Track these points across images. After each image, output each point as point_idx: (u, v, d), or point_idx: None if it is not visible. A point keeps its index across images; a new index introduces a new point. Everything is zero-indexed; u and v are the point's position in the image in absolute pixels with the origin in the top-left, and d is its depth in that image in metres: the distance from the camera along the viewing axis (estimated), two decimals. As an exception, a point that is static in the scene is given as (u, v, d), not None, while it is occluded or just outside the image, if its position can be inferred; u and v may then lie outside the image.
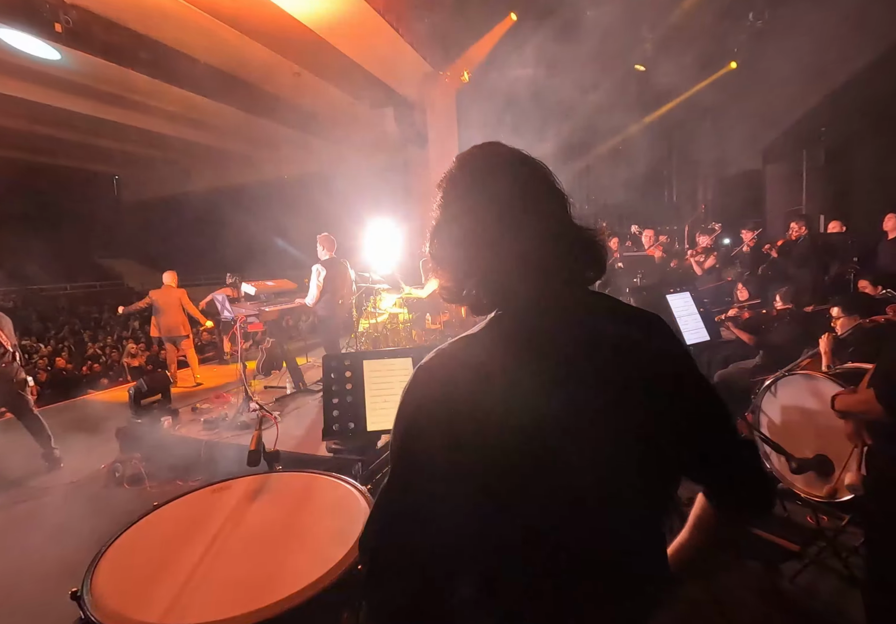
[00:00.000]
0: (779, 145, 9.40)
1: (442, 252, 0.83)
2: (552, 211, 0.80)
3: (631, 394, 0.74)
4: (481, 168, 0.82)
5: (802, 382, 2.79)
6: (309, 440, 4.03)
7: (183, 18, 6.82)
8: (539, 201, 0.79)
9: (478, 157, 0.84)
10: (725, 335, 4.36)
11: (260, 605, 1.15)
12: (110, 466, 3.95)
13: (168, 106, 9.89)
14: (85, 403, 6.52)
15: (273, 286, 5.90)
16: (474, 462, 0.70)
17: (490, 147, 0.85)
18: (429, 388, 0.75)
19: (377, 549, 0.75)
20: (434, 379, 0.75)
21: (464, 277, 0.79)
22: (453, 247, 0.80)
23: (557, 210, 0.80)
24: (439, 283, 0.84)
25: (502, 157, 0.82)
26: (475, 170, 0.82)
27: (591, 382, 0.73)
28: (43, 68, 7.84)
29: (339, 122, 11.63)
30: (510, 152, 0.83)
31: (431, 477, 0.71)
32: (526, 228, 0.76)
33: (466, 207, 0.80)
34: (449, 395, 0.72)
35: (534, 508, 0.71)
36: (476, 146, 0.86)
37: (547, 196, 0.80)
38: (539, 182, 0.81)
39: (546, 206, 0.79)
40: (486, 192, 0.79)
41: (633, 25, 7.50)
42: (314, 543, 1.40)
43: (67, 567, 2.57)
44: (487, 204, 0.78)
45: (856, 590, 2.25)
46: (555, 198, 0.81)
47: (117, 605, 1.18)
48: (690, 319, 3.06)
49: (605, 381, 0.74)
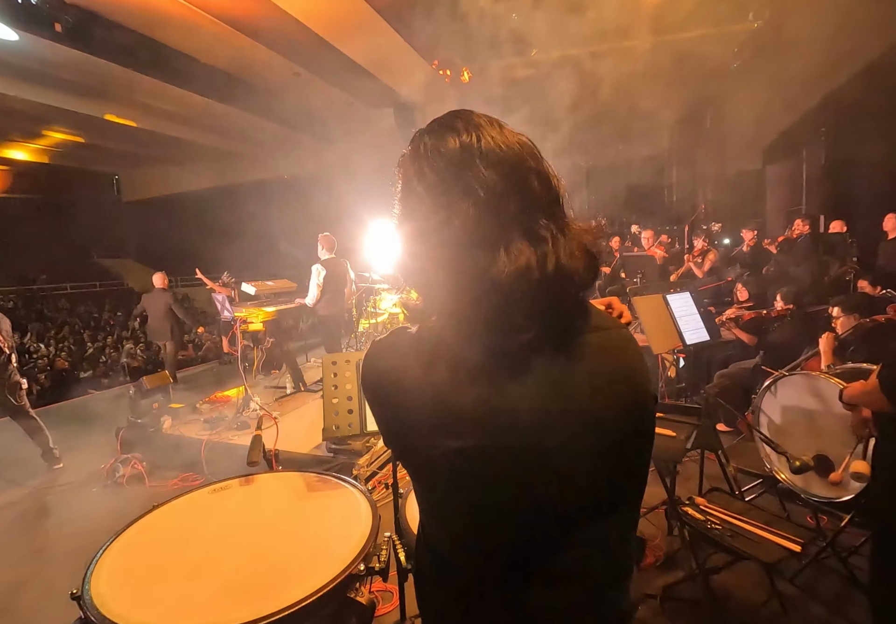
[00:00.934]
0: (779, 145, 9.39)
1: (404, 265, 0.71)
2: (526, 215, 0.65)
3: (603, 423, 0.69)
4: (440, 155, 0.66)
5: (802, 381, 2.79)
6: (309, 440, 4.03)
7: (183, 18, 6.82)
8: (510, 203, 0.64)
9: (438, 139, 0.68)
10: (725, 335, 4.36)
11: (259, 605, 1.15)
12: (110, 465, 3.95)
13: (168, 106, 9.89)
14: (85, 403, 6.52)
15: (273, 286, 5.90)
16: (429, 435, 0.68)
17: (455, 121, 0.69)
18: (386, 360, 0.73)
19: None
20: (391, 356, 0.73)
21: (427, 302, 0.71)
22: (413, 262, 0.70)
23: (536, 212, 0.66)
24: (405, 301, 0.75)
25: (470, 142, 0.66)
26: (432, 157, 0.67)
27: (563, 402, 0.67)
28: (43, 68, 7.84)
29: (339, 122, 11.63)
30: (484, 130, 0.67)
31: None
32: (498, 251, 0.63)
33: (423, 215, 0.67)
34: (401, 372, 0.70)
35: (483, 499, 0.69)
36: (437, 120, 0.71)
37: (521, 196, 0.65)
38: (514, 176, 0.65)
39: (519, 209, 0.64)
40: (447, 195, 0.65)
41: (634, 24, 7.50)
42: (314, 542, 1.40)
43: (67, 567, 2.58)
44: (448, 214, 0.64)
45: (856, 590, 2.25)
46: (534, 197, 0.66)
47: (117, 605, 1.18)
48: (690, 319, 3.06)
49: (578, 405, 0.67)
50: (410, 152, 0.71)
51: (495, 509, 0.69)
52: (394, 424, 0.74)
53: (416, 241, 0.69)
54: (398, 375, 0.70)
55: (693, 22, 7.34)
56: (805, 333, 3.68)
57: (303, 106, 10.68)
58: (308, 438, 4.07)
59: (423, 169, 0.67)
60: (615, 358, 0.73)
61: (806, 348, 3.34)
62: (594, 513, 0.71)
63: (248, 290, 5.64)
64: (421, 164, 0.68)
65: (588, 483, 0.70)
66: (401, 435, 0.74)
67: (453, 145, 0.66)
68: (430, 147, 0.68)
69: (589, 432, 0.68)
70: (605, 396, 0.69)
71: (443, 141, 0.67)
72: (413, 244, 0.70)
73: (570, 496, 0.69)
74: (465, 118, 0.69)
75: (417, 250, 0.69)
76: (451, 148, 0.66)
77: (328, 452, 3.82)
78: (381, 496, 3.28)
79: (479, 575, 0.73)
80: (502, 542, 0.71)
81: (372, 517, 1.48)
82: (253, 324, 5.18)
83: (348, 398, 1.82)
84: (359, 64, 8.33)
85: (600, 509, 0.72)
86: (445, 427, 0.66)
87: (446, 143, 0.67)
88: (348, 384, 1.84)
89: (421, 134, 0.71)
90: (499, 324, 0.64)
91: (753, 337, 4.25)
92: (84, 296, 17.89)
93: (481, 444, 0.65)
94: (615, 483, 0.73)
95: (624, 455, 0.72)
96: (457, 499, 0.71)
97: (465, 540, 0.73)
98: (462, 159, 0.65)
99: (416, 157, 0.69)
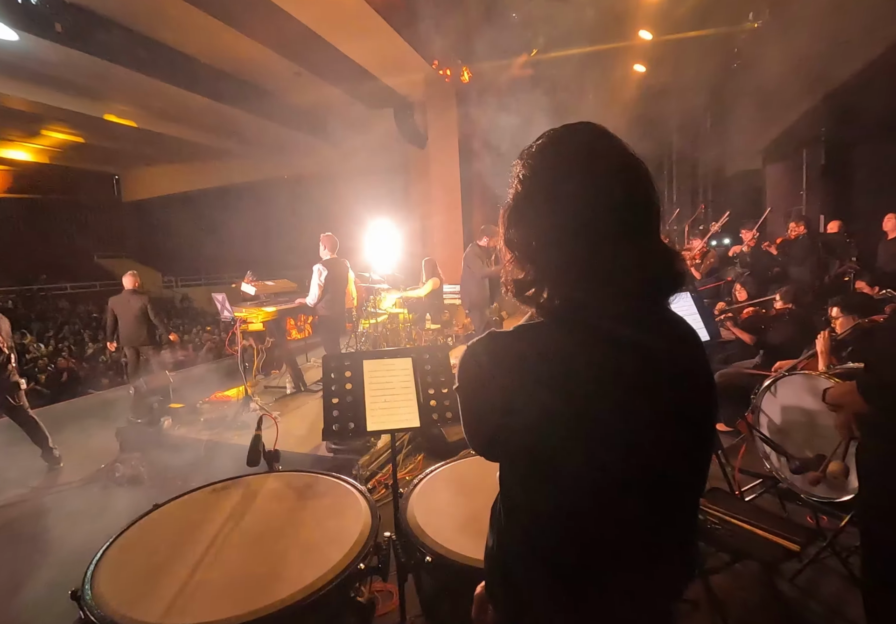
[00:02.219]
0: (779, 145, 9.39)
1: (518, 240, 0.77)
2: (647, 226, 0.75)
3: (673, 414, 0.75)
4: (582, 157, 0.74)
5: (802, 381, 2.79)
6: (309, 440, 4.03)
7: (183, 18, 6.82)
8: (637, 213, 0.74)
9: (578, 142, 0.76)
10: (725, 335, 4.36)
11: (259, 605, 1.15)
12: (110, 466, 3.95)
13: (168, 106, 9.89)
14: (85, 403, 6.52)
15: (273, 286, 5.90)
16: (524, 428, 0.73)
17: (593, 132, 0.77)
18: (498, 349, 0.76)
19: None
20: (501, 346, 0.76)
21: (537, 274, 0.76)
22: (532, 239, 0.76)
23: (650, 224, 0.76)
24: (507, 273, 0.80)
25: (607, 149, 0.75)
26: (575, 156, 0.75)
27: (642, 395, 0.73)
28: (43, 68, 7.84)
29: (339, 122, 11.64)
30: (616, 145, 0.76)
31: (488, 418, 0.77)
32: (620, 243, 0.71)
33: (557, 198, 0.73)
34: (519, 358, 0.74)
35: (575, 485, 0.73)
36: (576, 125, 0.78)
37: (646, 208, 0.75)
38: (641, 192, 0.75)
39: (643, 220, 0.74)
40: (583, 189, 0.72)
41: (634, 24, 7.50)
42: (314, 543, 1.40)
43: (67, 567, 2.58)
44: (583, 203, 0.72)
45: (856, 590, 2.25)
46: (650, 209, 0.76)
47: (117, 605, 1.18)
48: (690, 319, 3.06)
49: (654, 398, 0.73)
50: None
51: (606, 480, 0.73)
52: (518, 402, 0.74)
53: (548, 216, 0.74)
54: (522, 352, 0.74)
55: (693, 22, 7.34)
56: (804, 333, 3.68)
57: (303, 106, 10.68)
58: (308, 438, 4.07)
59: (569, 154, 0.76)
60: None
61: (805, 348, 3.34)
62: (671, 491, 0.77)
63: (248, 290, 5.63)
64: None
65: (671, 463, 0.75)
66: (524, 414, 0.73)
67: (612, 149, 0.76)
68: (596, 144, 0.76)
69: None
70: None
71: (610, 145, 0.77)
72: (543, 219, 0.75)
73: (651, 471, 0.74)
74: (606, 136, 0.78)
75: (548, 223, 0.74)
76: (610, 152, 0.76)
77: (328, 452, 3.82)
78: (381, 496, 3.29)
79: (582, 553, 0.75)
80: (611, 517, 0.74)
81: (371, 517, 1.48)
82: (253, 324, 5.18)
83: (348, 398, 1.82)
84: (359, 64, 8.32)
85: (675, 489, 0.78)
86: (574, 393, 0.71)
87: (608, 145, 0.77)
88: (348, 384, 1.84)
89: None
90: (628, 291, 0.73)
91: (753, 336, 4.25)
92: (84, 296, 17.88)
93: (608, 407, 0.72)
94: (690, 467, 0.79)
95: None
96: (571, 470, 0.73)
97: (580, 515, 0.74)
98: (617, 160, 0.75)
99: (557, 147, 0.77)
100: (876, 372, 1.56)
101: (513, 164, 0.79)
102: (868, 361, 1.69)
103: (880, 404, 1.52)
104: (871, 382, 1.54)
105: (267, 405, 4.84)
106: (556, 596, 0.77)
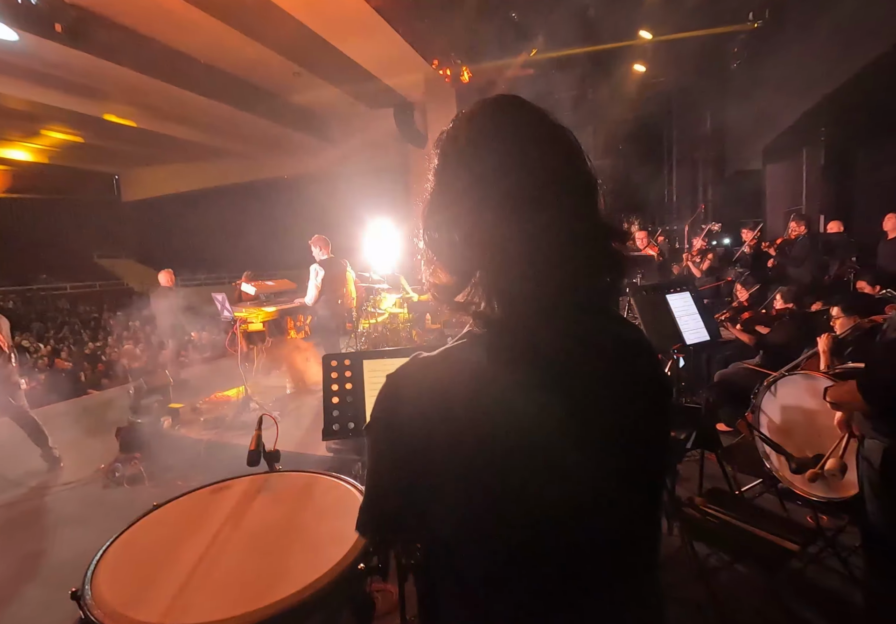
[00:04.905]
0: (779, 145, 9.39)
1: (439, 238, 0.67)
2: (577, 203, 0.65)
3: (623, 416, 0.69)
4: (493, 134, 0.65)
5: (802, 381, 2.79)
6: (309, 440, 4.03)
7: (183, 18, 6.82)
8: (563, 189, 0.64)
9: (490, 118, 0.67)
10: (725, 335, 4.36)
11: (259, 605, 1.15)
12: (110, 466, 3.95)
13: (168, 106, 9.89)
14: (85, 402, 6.53)
15: (273, 286, 5.90)
16: (471, 459, 0.63)
17: (507, 103, 0.68)
18: (421, 383, 0.66)
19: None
20: (426, 377, 0.66)
21: (463, 276, 0.66)
22: (451, 234, 0.65)
23: (584, 201, 0.66)
24: (431, 279, 0.70)
25: (522, 122, 0.66)
26: (485, 135, 0.65)
27: (589, 396, 0.66)
28: (43, 68, 7.84)
29: (339, 122, 11.65)
30: (533, 115, 0.67)
31: (425, 470, 0.65)
32: (546, 224, 0.62)
33: (470, 185, 0.64)
34: (444, 392, 0.64)
35: (529, 511, 0.65)
36: (489, 100, 0.69)
37: (573, 182, 0.65)
38: (566, 162, 0.65)
39: (570, 197, 0.64)
40: (495, 169, 0.63)
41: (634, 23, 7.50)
42: (314, 543, 1.40)
43: (67, 567, 2.58)
44: (497, 185, 0.62)
45: (856, 590, 2.25)
46: (582, 185, 0.66)
47: (117, 605, 1.18)
48: (690, 319, 3.05)
49: (602, 395, 0.67)
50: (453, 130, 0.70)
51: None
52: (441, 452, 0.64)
53: (458, 212, 0.65)
54: (455, 386, 0.63)
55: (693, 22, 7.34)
56: (804, 333, 3.68)
57: (303, 106, 10.69)
58: (308, 438, 4.07)
59: (469, 140, 0.67)
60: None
61: (805, 348, 3.34)
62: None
63: (248, 290, 5.64)
64: (467, 135, 0.67)
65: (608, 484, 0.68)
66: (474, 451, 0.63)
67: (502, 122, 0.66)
68: (479, 124, 0.67)
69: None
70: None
71: (492, 120, 0.67)
72: (454, 215, 0.66)
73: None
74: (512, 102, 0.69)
75: (458, 219, 0.65)
76: (500, 125, 0.66)
77: (328, 452, 3.82)
78: (381, 496, 3.28)
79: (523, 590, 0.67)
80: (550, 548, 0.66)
81: (372, 517, 1.47)
82: (253, 324, 5.18)
83: (348, 398, 1.82)
84: (359, 64, 8.32)
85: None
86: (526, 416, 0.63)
87: (496, 121, 0.67)
88: (348, 384, 1.84)
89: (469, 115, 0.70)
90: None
91: (753, 336, 4.25)
92: (84, 296, 17.88)
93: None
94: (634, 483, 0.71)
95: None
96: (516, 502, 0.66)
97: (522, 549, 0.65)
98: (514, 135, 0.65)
99: (457, 131, 0.69)
100: (876, 372, 1.56)
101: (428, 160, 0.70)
102: (868, 360, 1.69)
103: (880, 404, 1.53)
104: (872, 381, 1.54)
105: (267, 405, 4.84)
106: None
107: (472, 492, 0.64)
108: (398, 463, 0.68)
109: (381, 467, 0.71)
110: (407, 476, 0.67)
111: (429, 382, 0.65)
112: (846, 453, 2.08)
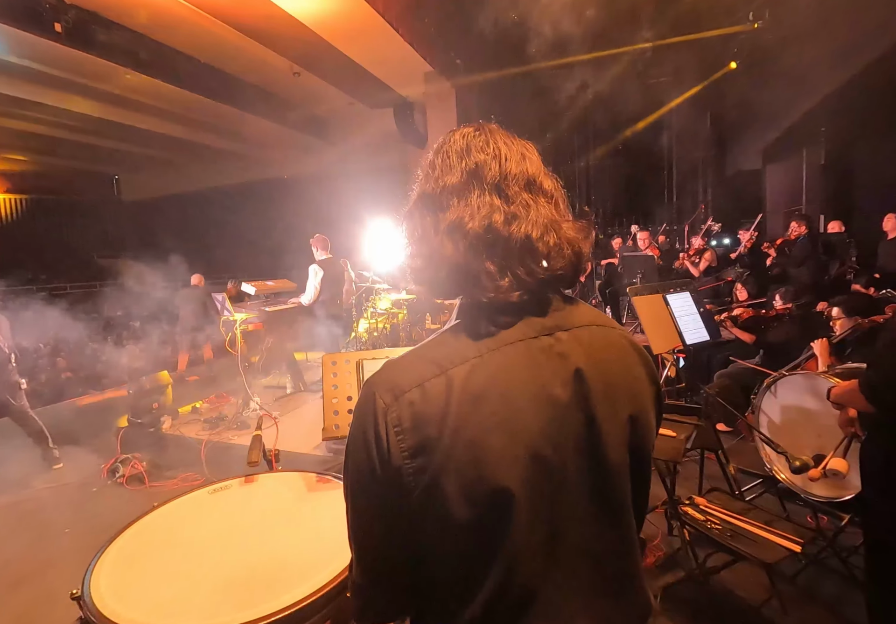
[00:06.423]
0: (779, 145, 9.39)
1: (414, 228, 0.78)
2: (544, 197, 0.73)
3: (608, 409, 0.72)
4: (468, 147, 0.77)
5: (802, 381, 2.79)
6: (309, 440, 4.04)
7: (183, 18, 6.82)
8: (532, 185, 0.73)
9: (461, 140, 0.80)
10: (725, 335, 4.36)
11: (260, 605, 1.15)
12: (110, 466, 3.95)
13: (168, 106, 9.88)
14: (84, 402, 6.52)
15: (273, 286, 5.90)
16: (450, 471, 0.67)
17: (483, 127, 0.81)
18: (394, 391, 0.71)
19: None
20: (400, 386, 0.70)
21: (432, 258, 0.73)
22: (426, 223, 0.75)
23: (547, 198, 0.74)
24: (409, 260, 0.78)
25: (494, 136, 0.77)
26: (461, 146, 0.78)
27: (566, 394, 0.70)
28: (43, 68, 7.84)
29: (339, 122, 11.63)
30: (501, 136, 0.78)
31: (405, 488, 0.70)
32: (512, 214, 0.70)
33: (450, 182, 0.75)
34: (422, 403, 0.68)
35: (514, 523, 0.68)
36: (470, 126, 0.82)
37: (540, 181, 0.74)
38: (533, 164, 0.75)
39: (537, 193, 0.73)
40: (472, 168, 0.74)
41: (633, 23, 7.49)
42: (314, 542, 1.40)
43: (67, 567, 2.57)
44: (470, 179, 0.73)
45: (856, 590, 2.25)
46: (546, 185, 0.75)
47: (117, 605, 1.18)
48: (690, 319, 3.06)
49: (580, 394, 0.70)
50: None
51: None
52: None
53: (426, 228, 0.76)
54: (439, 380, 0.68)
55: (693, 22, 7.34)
56: (804, 333, 3.68)
57: (303, 106, 10.68)
58: (308, 438, 4.07)
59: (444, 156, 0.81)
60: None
61: (805, 348, 3.34)
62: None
63: (247, 290, 5.64)
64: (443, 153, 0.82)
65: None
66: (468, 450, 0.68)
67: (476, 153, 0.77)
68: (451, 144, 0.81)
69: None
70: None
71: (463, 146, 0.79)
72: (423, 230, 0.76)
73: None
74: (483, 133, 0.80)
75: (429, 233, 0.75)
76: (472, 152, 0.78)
77: (328, 452, 3.82)
78: (381, 496, 3.28)
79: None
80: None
81: (372, 517, 1.47)
82: (253, 324, 5.18)
83: (348, 398, 1.82)
84: (359, 64, 8.32)
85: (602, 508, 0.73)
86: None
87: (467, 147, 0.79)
88: (348, 384, 1.84)
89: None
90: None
91: (752, 336, 4.25)
92: (84, 296, 17.87)
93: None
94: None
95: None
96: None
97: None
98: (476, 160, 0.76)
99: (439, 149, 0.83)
100: (877, 371, 1.56)
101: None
102: (870, 360, 1.69)
103: (882, 403, 1.53)
104: (873, 381, 1.54)
105: (267, 405, 4.84)
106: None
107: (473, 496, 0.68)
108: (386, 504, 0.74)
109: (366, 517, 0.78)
110: (400, 519, 0.73)
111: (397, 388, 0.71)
112: (847, 453, 2.08)
